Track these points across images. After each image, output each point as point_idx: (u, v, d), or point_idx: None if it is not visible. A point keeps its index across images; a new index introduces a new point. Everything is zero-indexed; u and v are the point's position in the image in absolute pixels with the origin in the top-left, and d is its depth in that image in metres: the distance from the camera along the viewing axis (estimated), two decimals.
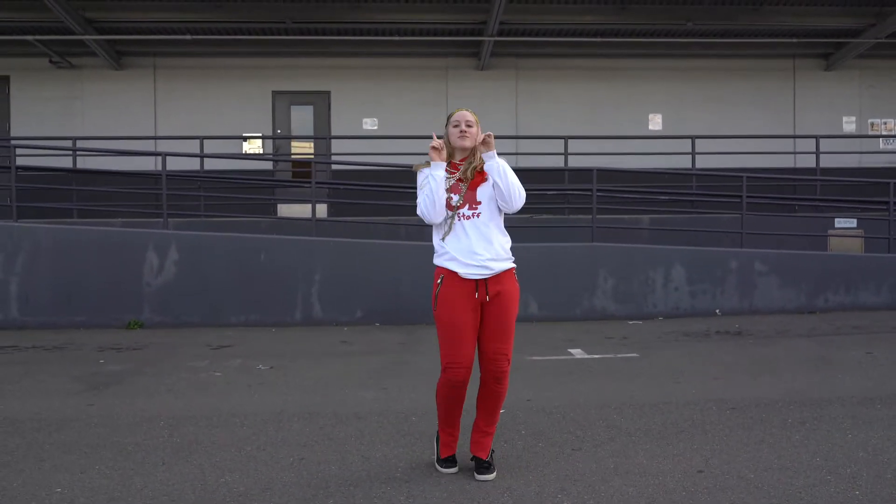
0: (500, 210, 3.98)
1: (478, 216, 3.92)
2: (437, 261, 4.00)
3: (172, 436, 4.78)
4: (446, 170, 3.96)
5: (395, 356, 7.33)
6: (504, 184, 3.87)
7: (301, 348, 8.06)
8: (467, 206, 3.93)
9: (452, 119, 4.02)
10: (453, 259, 3.90)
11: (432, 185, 3.90)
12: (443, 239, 3.95)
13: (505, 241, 3.99)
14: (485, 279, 3.88)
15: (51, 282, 9.53)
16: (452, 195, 3.94)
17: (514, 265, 4.01)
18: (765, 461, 4.10)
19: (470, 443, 4.09)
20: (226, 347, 8.10)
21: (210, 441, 4.65)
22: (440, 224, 3.97)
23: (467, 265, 3.87)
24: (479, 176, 3.96)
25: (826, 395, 5.51)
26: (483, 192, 3.94)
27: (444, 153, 3.95)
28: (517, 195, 3.92)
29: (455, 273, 3.88)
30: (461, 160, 4.02)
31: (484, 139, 3.90)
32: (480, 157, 3.95)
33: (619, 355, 7.34)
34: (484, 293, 3.87)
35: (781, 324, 9.22)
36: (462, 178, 3.96)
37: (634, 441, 4.51)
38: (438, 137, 4.03)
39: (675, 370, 6.57)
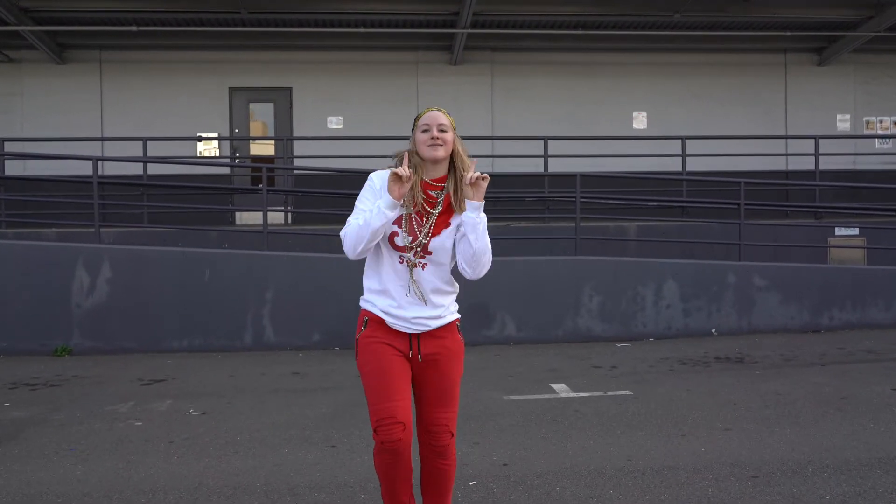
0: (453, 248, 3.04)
1: (424, 267, 2.99)
2: (364, 302, 3.08)
3: None
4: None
5: (350, 394, 6.31)
6: (478, 246, 2.96)
7: (245, 383, 7.01)
8: (414, 252, 2.97)
9: (421, 121, 3.02)
10: (383, 310, 3.01)
11: (371, 217, 2.91)
12: (372, 277, 3.07)
13: (452, 295, 3.09)
14: (417, 334, 3.00)
15: None
16: (399, 231, 2.96)
17: (457, 316, 3.11)
18: None
19: None
20: (158, 382, 7.04)
21: None
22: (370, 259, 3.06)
23: (401, 321, 2.98)
24: (444, 215, 3.00)
25: (863, 457, 4.56)
26: (440, 241, 2.99)
27: (408, 187, 2.90)
28: (485, 264, 3.01)
29: (382, 320, 3.00)
30: (433, 181, 3.02)
31: (476, 181, 2.94)
32: (459, 196, 2.99)
33: (610, 393, 6.37)
34: (417, 351, 2.99)
35: (786, 346, 8.30)
36: (420, 211, 2.98)
37: None
38: (413, 154, 3.04)
39: (677, 415, 5.61)
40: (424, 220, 2.98)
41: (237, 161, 13.60)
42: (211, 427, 5.52)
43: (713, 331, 9.09)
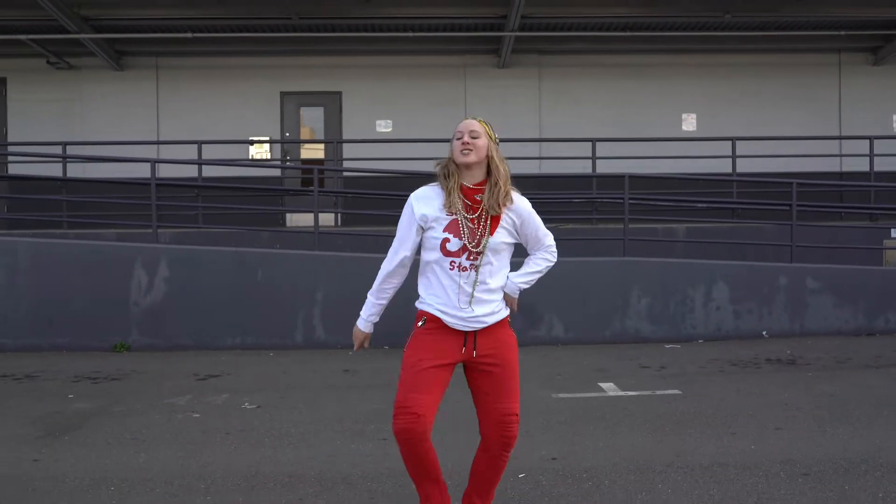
0: (509, 252, 3.25)
1: (476, 269, 3.13)
2: (421, 306, 3.23)
3: None
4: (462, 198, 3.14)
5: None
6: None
7: (297, 379, 7.17)
8: (466, 256, 3.11)
9: (456, 129, 3.16)
10: (439, 310, 3.16)
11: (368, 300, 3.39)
12: (427, 283, 3.25)
13: (501, 293, 3.24)
14: (474, 331, 3.13)
15: (31, 300, 8.71)
16: (451, 238, 3.11)
17: (508, 312, 3.25)
18: None
19: None
20: (214, 378, 7.23)
21: None
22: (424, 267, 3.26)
23: (456, 319, 3.13)
24: (492, 220, 3.14)
25: None
26: (491, 241, 3.12)
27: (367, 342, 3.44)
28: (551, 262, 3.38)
29: (440, 319, 3.14)
30: (475, 185, 3.14)
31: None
32: (493, 200, 3.12)
33: (658, 392, 6.37)
34: (472, 348, 3.13)
35: (839, 349, 8.18)
36: (472, 217, 3.13)
37: None
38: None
39: (727, 414, 5.59)
40: (476, 224, 3.11)
41: (288, 163, 13.83)
42: (265, 420, 5.66)
43: (764, 333, 8.99)
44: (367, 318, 3.38)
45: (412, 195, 3.24)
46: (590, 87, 14.02)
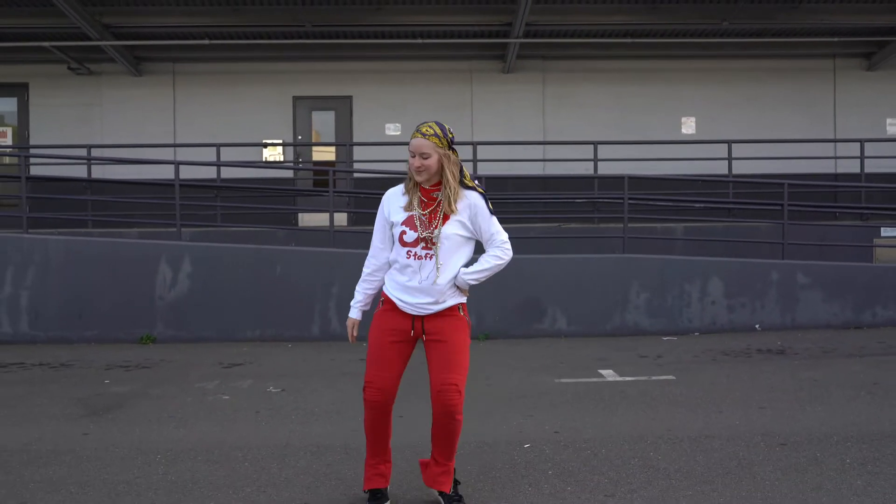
0: (465, 246, 3.68)
1: (430, 258, 3.60)
2: (384, 287, 3.75)
3: (168, 473, 4.38)
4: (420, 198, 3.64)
5: (415, 374, 6.87)
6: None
7: (316, 367, 7.66)
8: (421, 246, 3.60)
9: (409, 147, 3.63)
10: (395, 295, 3.66)
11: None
12: (391, 270, 3.73)
13: (453, 287, 3.67)
14: (421, 316, 3.63)
15: (61, 295, 9.23)
16: (407, 230, 3.60)
17: (462, 301, 3.70)
18: None
19: (425, 478, 3.84)
20: (238, 366, 7.72)
21: (207, 480, 4.25)
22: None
23: (408, 304, 3.63)
24: (444, 216, 3.62)
25: (886, 430, 4.98)
26: (442, 232, 3.59)
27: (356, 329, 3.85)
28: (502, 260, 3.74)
29: (394, 302, 3.64)
30: (431, 186, 3.64)
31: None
32: (450, 200, 3.59)
33: (654, 378, 6.84)
34: (420, 330, 3.64)
35: (827, 341, 8.64)
36: (426, 214, 3.61)
37: (674, 485, 4.04)
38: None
39: (716, 396, 6.07)
40: (430, 217, 3.58)
41: (302, 165, 14.33)
42: (290, 401, 6.15)
43: (757, 326, 9.45)
44: (354, 305, 3.86)
45: (385, 195, 3.75)
46: (592, 92, 14.49)
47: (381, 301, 3.73)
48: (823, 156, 13.41)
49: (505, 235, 3.71)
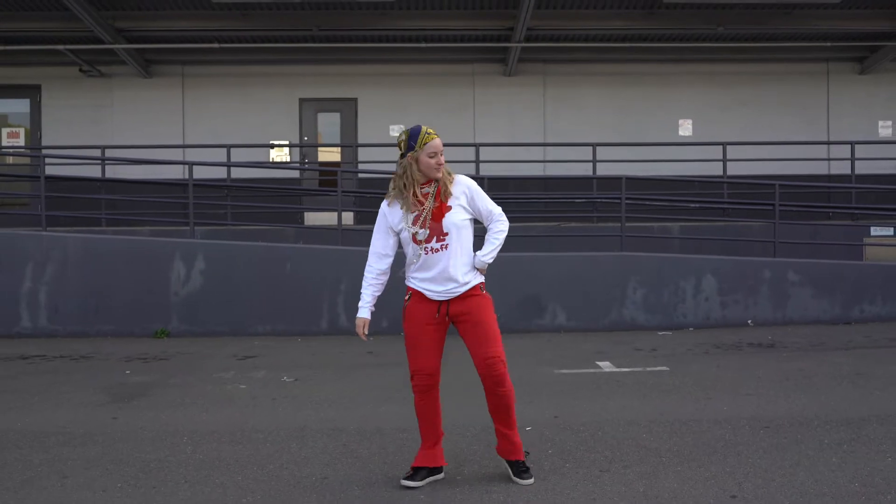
0: (470, 228, 4.06)
1: (446, 248, 3.97)
2: (408, 281, 4.10)
3: (195, 452, 4.74)
4: (413, 199, 3.98)
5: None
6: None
7: (327, 359, 8.01)
8: (434, 240, 3.96)
9: (428, 148, 3.94)
10: (421, 286, 4.01)
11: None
12: (411, 266, 4.06)
13: (471, 268, 4.05)
14: (447, 300, 3.99)
15: (79, 291, 9.58)
16: (418, 230, 3.95)
17: (481, 280, 4.08)
18: (800, 486, 3.96)
19: (498, 451, 4.16)
20: (251, 358, 8.08)
21: (233, 458, 4.60)
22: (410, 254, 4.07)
23: (435, 293, 3.99)
24: (443, 205, 3.98)
25: (864, 414, 5.33)
26: (449, 221, 3.96)
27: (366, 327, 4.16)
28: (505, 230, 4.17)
29: (422, 293, 4.00)
30: (422, 185, 4.00)
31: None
32: (445, 187, 3.98)
33: (649, 368, 7.20)
34: (445, 312, 3.99)
35: (816, 335, 9.00)
36: (423, 213, 3.97)
37: (664, 462, 4.39)
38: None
39: (706, 385, 6.42)
40: (432, 213, 3.94)
41: (309, 165, 14.68)
42: (304, 389, 6.50)
43: (749, 321, 9.81)
44: (363, 305, 4.16)
45: (381, 207, 4.11)
46: (592, 95, 14.84)
47: (407, 296, 4.06)
48: (817, 157, 13.75)
49: (499, 208, 4.16)
